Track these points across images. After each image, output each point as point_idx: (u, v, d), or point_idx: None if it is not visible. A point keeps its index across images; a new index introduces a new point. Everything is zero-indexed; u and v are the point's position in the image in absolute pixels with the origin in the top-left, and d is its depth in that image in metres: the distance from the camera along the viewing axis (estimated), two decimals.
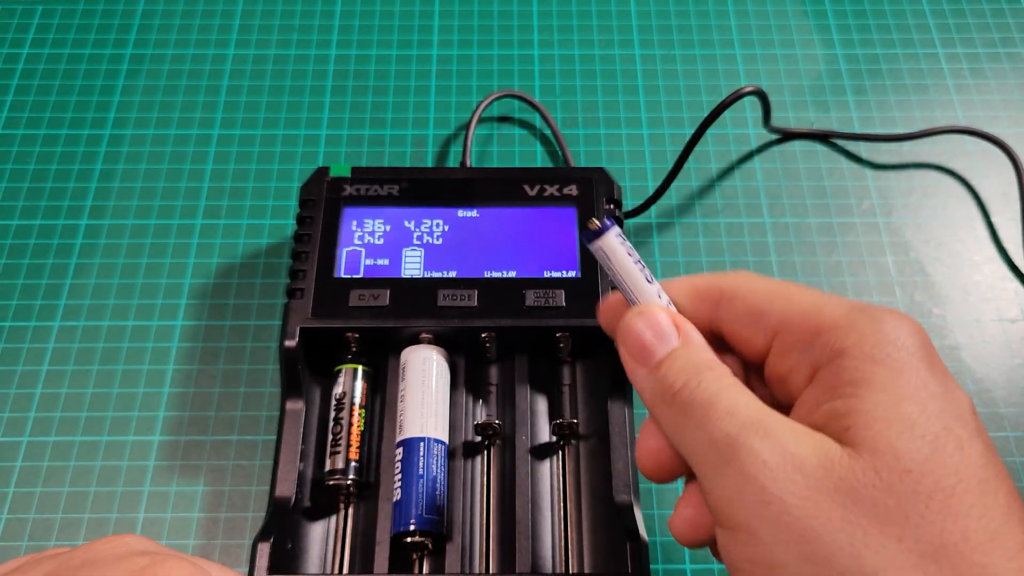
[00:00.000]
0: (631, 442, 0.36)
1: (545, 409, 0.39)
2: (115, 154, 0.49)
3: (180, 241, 0.46)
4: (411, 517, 0.34)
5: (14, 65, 0.52)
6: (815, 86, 0.52)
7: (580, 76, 0.52)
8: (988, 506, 0.20)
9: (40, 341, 0.43)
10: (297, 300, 0.38)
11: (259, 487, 0.39)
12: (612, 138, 0.50)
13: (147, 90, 0.52)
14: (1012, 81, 0.53)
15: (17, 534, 0.38)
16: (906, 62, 0.53)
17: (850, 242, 0.46)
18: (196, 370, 0.42)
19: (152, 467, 0.40)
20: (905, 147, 0.50)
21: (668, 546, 0.38)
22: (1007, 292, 0.45)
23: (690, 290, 0.27)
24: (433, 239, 0.40)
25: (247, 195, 0.48)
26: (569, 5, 0.56)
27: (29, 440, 0.40)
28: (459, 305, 0.38)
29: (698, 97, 0.52)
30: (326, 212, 0.40)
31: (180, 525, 0.38)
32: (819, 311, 0.24)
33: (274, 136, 0.50)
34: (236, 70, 0.52)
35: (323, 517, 0.37)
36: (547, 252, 0.39)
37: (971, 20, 0.55)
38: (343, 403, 0.37)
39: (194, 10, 0.55)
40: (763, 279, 0.26)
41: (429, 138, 0.50)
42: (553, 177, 0.42)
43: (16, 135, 0.50)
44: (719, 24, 0.55)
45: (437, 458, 0.36)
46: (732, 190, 0.48)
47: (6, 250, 0.46)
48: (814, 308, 0.24)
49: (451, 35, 0.54)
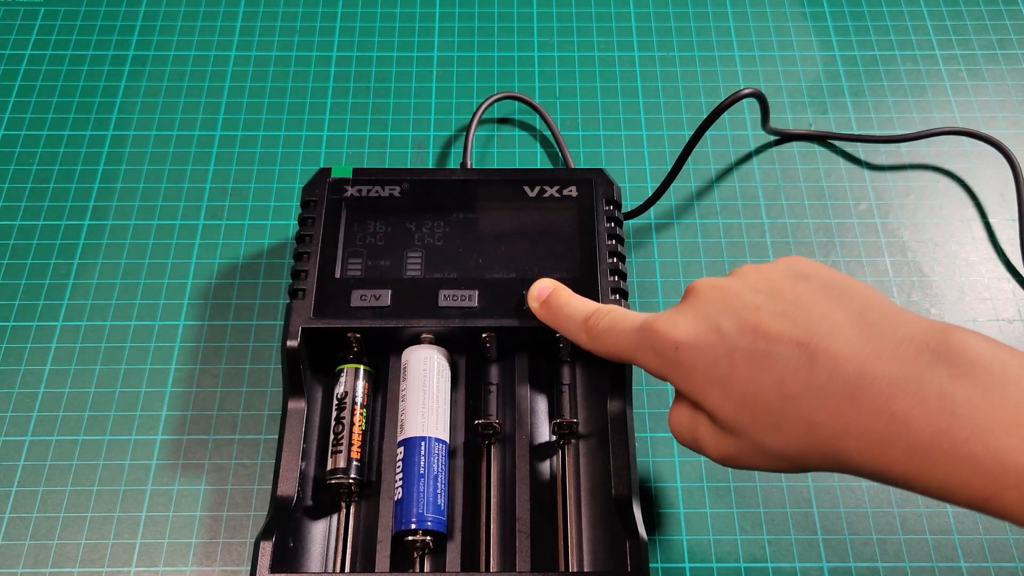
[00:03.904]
0: (631, 441, 0.37)
1: (545, 409, 0.39)
2: (118, 155, 0.49)
3: (182, 241, 0.46)
4: (412, 516, 0.35)
5: (17, 66, 0.53)
6: (813, 88, 0.53)
7: (580, 78, 0.53)
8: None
9: (43, 341, 0.43)
10: (299, 300, 0.38)
11: (261, 486, 0.39)
12: (611, 139, 0.50)
13: (149, 91, 0.52)
14: (1009, 82, 0.53)
15: (20, 533, 0.38)
16: (904, 64, 0.54)
17: (848, 242, 0.47)
18: (198, 369, 0.42)
19: (154, 466, 0.40)
20: (902, 148, 0.50)
21: (668, 545, 0.38)
22: (1004, 292, 0.45)
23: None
24: (434, 240, 0.40)
25: (249, 196, 0.48)
26: (569, 7, 0.56)
27: (32, 439, 0.40)
28: (460, 305, 0.38)
29: (697, 99, 0.52)
30: (328, 213, 0.41)
31: (182, 524, 0.38)
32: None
33: (276, 137, 0.50)
34: (238, 71, 0.53)
35: (325, 516, 0.37)
36: (547, 253, 0.40)
37: (968, 22, 0.56)
38: (345, 402, 0.38)
39: (196, 11, 0.55)
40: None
41: (430, 139, 0.50)
42: (553, 178, 0.42)
43: (19, 136, 0.50)
44: (718, 26, 0.55)
45: (438, 457, 0.36)
46: (730, 191, 0.48)
47: (9, 250, 0.46)
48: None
49: (451, 37, 0.55)
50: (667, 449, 0.41)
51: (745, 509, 0.39)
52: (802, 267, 0.30)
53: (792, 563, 0.38)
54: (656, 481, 0.40)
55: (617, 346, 0.32)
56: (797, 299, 0.28)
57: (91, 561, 0.38)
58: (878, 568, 0.38)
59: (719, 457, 0.29)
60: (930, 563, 0.38)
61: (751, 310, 0.28)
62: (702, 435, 0.30)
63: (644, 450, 0.40)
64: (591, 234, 0.40)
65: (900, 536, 0.38)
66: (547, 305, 0.36)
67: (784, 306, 0.28)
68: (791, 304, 0.28)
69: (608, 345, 0.33)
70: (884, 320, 0.26)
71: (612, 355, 0.33)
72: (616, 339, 0.32)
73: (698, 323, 0.29)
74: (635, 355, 0.31)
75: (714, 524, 0.39)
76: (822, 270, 0.29)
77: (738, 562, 0.38)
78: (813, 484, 0.40)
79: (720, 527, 0.39)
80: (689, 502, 0.39)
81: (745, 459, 0.29)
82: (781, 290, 0.29)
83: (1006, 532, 0.38)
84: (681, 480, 0.40)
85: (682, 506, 0.39)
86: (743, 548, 0.38)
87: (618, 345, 0.32)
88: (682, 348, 0.29)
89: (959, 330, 0.24)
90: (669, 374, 0.30)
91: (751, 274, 0.30)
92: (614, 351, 0.32)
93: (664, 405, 0.42)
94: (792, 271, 0.30)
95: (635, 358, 0.31)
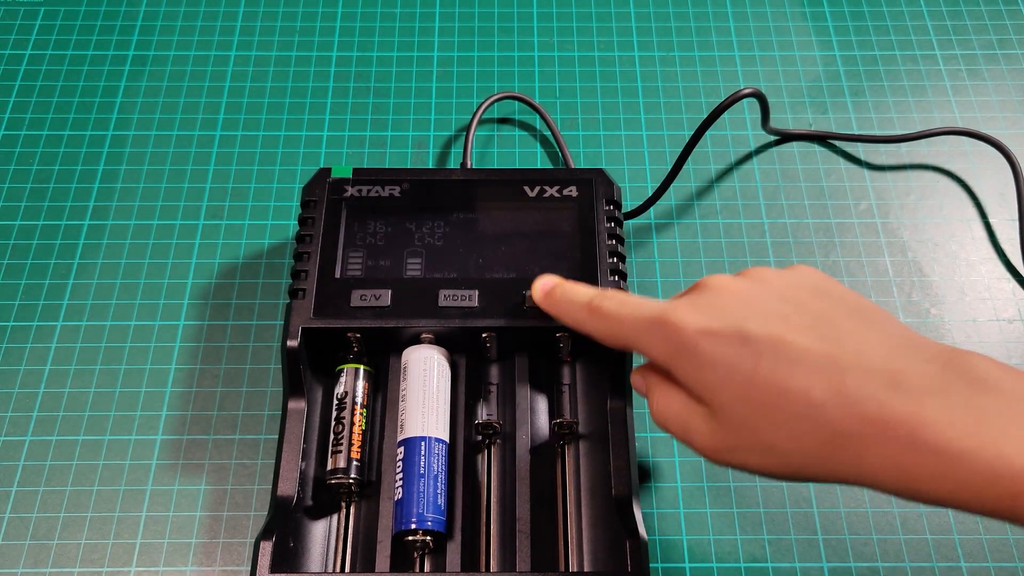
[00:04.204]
0: (631, 441, 0.37)
1: (545, 409, 0.39)
2: (118, 155, 0.49)
3: (183, 241, 0.46)
4: (412, 516, 0.35)
5: (17, 66, 0.53)
6: (813, 88, 0.53)
7: (580, 78, 0.53)
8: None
9: (43, 341, 0.43)
10: (299, 300, 0.38)
11: (261, 486, 0.39)
12: (611, 139, 0.50)
13: (149, 91, 0.52)
14: (1009, 82, 0.53)
15: (20, 533, 0.38)
16: (904, 64, 0.54)
17: (848, 242, 0.47)
18: (198, 369, 0.42)
19: (155, 466, 0.40)
20: (903, 148, 0.50)
21: (667, 544, 0.38)
22: (1004, 292, 0.45)
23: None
24: (434, 240, 0.40)
25: (249, 196, 0.48)
26: (569, 7, 0.56)
27: (32, 439, 0.40)
28: (460, 305, 0.38)
29: (697, 99, 0.52)
30: (328, 213, 0.41)
31: (182, 524, 0.38)
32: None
33: (276, 137, 0.50)
34: (238, 71, 0.53)
35: (325, 516, 0.37)
36: (547, 253, 0.40)
37: (968, 22, 0.56)
38: (345, 402, 0.38)
39: (196, 11, 0.55)
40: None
41: (430, 139, 0.50)
42: (553, 178, 0.42)
43: (19, 136, 0.50)
44: (718, 26, 0.55)
45: (438, 457, 0.36)
46: (731, 191, 0.48)
47: (9, 250, 0.46)
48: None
49: (451, 37, 0.55)
50: (667, 449, 0.41)
51: (745, 509, 0.39)
52: (822, 282, 0.30)
53: (792, 563, 0.38)
54: (656, 481, 0.40)
55: (622, 328, 0.31)
56: (824, 314, 0.28)
57: (91, 561, 0.38)
58: (878, 568, 0.38)
59: (711, 450, 0.29)
60: (930, 563, 0.38)
61: (779, 318, 0.28)
62: (695, 427, 0.29)
63: (644, 450, 0.40)
64: (591, 234, 0.40)
65: (900, 536, 0.38)
66: (550, 295, 0.36)
67: (811, 320, 0.28)
68: (818, 319, 0.28)
69: (611, 326, 0.32)
70: (908, 343, 0.27)
71: (614, 337, 0.32)
72: (621, 322, 0.31)
73: (722, 320, 0.29)
74: (639, 340, 0.31)
75: (714, 524, 0.39)
76: (841, 288, 0.30)
77: (738, 562, 0.38)
78: (813, 484, 0.40)
79: (720, 527, 0.39)
80: (689, 502, 0.39)
81: (740, 456, 0.28)
82: (805, 303, 0.29)
83: (1006, 532, 0.38)
84: (681, 480, 0.40)
85: (682, 506, 0.39)
86: (743, 548, 0.38)
87: (623, 328, 0.31)
88: (701, 342, 0.28)
89: (974, 354, 0.26)
90: (677, 364, 0.29)
91: (772, 280, 0.30)
92: (617, 333, 0.32)
93: None
94: (813, 285, 0.30)
95: (638, 343, 0.31)
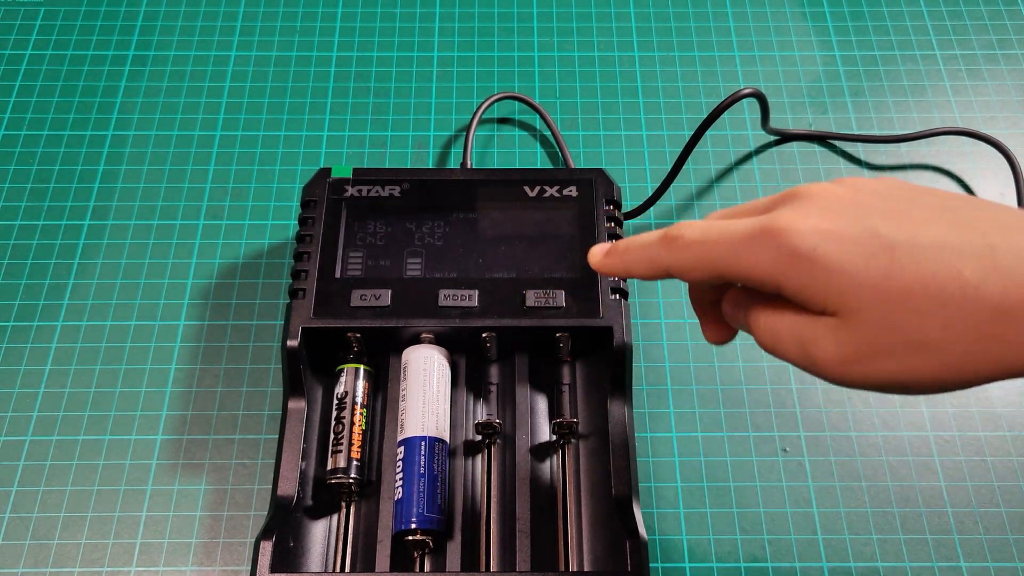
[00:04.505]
0: (631, 441, 0.37)
1: (545, 408, 0.39)
2: (118, 155, 0.49)
3: (183, 241, 0.46)
4: (412, 516, 0.35)
5: (17, 66, 0.53)
6: (813, 88, 0.53)
7: (580, 78, 0.53)
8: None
9: (43, 341, 0.43)
10: (299, 300, 0.38)
11: (261, 486, 0.39)
12: (611, 139, 0.50)
13: (149, 91, 0.52)
14: (1009, 83, 0.53)
15: (20, 533, 0.38)
16: (904, 64, 0.54)
17: None
18: (199, 369, 0.42)
19: (155, 466, 0.40)
20: (903, 148, 0.50)
21: (667, 544, 0.38)
22: None
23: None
24: (434, 240, 0.40)
25: (249, 196, 0.48)
26: (569, 7, 0.56)
27: (32, 439, 0.41)
28: (460, 305, 0.38)
29: (697, 99, 0.52)
30: (328, 213, 0.41)
31: (182, 523, 0.38)
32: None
33: (276, 137, 0.50)
34: (238, 71, 0.53)
35: (325, 515, 0.37)
36: (547, 253, 0.40)
37: (968, 22, 0.56)
38: (345, 402, 0.38)
39: (196, 11, 0.55)
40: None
41: (430, 139, 0.50)
42: (553, 178, 0.42)
43: (19, 136, 0.50)
44: (718, 26, 0.55)
45: (438, 457, 0.36)
46: (731, 191, 0.48)
47: (9, 250, 0.46)
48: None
49: (451, 37, 0.55)
50: (667, 449, 0.41)
51: (745, 509, 0.39)
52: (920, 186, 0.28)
53: (792, 563, 0.38)
54: (656, 481, 0.40)
55: (716, 250, 0.28)
56: (943, 205, 0.26)
57: (91, 561, 0.38)
58: (878, 568, 0.38)
59: (839, 363, 0.26)
60: (930, 563, 0.38)
61: (899, 212, 0.26)
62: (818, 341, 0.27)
63: (644, 450, 0.40)
64: (591, 234, 0.40)
65: (900, 536, 0.38)
66: (611, 251, 0.32)
67: (932, 211, 0.26)
68: (939, 210, 0.26)
69: (700, 253, 0.28)
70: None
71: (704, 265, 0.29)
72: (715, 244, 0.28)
73: (840, 221, 0.26)
74: (739, 259, 0.27)
75: (714, 524, 0.39)
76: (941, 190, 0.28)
77: (738, 562, 0.38)
78: (813, 484, 0.40)
79: (720, 527, 0.39)
80: (689, 502, 0.39)
81: (878, 364, 0.26)
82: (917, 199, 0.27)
83: (1006, 532, 0.38)
84: (681, 480, 0.40)
85: (682, 506, 0.39)
86: (743, 548, 0.38)
87: (717, 249, 0.28)
88: (822, 245, 0.26)
89: None
90: (791, 276, 0.27)
91: (872, 184, 0.28)
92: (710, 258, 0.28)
93: (664, 405, 0.42)
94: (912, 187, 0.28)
95: (738, 263, 0.27)
